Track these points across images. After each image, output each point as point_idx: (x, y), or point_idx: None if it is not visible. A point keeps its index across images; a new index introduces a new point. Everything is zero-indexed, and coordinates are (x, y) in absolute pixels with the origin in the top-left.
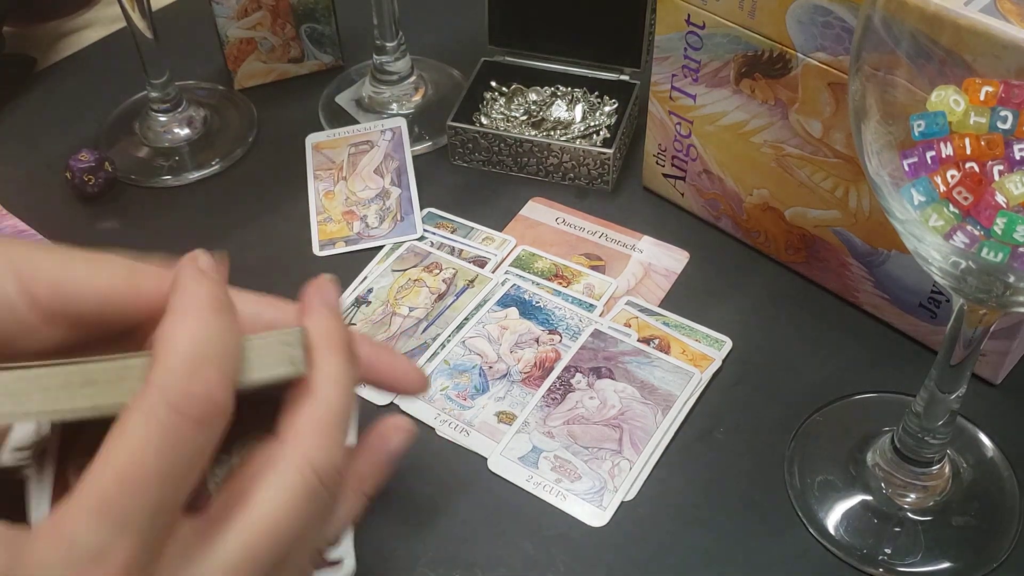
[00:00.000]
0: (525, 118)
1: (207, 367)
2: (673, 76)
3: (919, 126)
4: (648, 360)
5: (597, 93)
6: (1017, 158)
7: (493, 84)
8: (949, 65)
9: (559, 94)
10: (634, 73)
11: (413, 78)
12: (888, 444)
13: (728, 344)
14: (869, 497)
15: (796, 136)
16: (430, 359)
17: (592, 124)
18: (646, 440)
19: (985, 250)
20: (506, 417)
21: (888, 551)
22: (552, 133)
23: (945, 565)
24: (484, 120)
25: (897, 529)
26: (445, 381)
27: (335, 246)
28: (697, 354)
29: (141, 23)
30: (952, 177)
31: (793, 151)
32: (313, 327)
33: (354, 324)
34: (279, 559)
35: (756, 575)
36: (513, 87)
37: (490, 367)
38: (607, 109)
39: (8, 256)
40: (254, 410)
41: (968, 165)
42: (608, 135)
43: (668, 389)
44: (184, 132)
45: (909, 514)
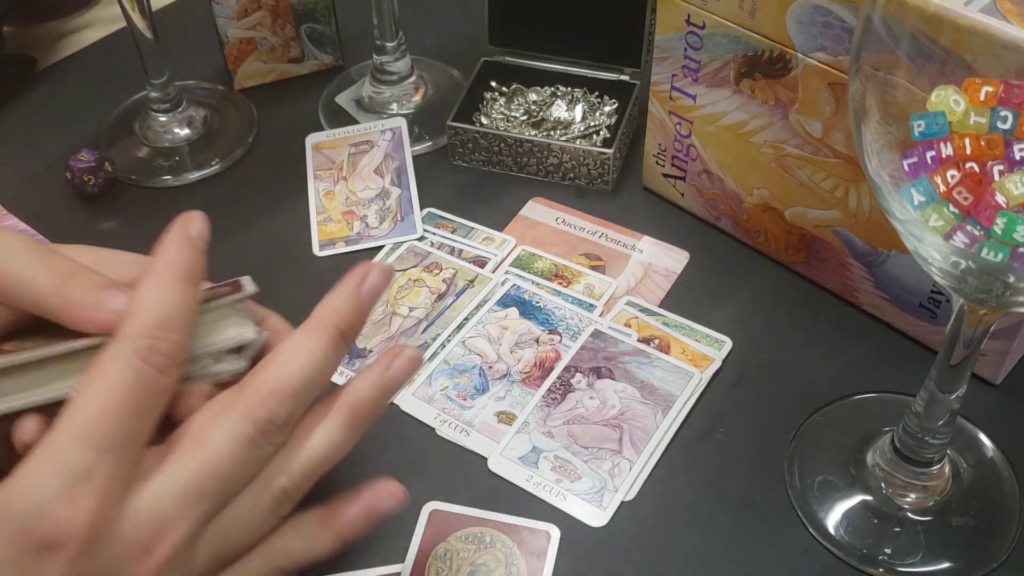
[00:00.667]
0: (525, 118)
1: (168, 330)
2: (673, 76)
3: (919, 126)
4: (648, 360)
5: (597, 93)
6: (1017, 158)
7: (493, 84)
8: (949, 65)
9: (559, 94)
10: (634, 73)
11: (413, 78)
12: (888, 444)
13: (728, 344)
14: (869, 497)
15: (796, 136)
16: (430, 359)
17: (592, 124)
18: (646, 440)
19: (985, 250)
20: (506, 417)
21: (888, 551)
22: (552, 133)
23: (945, 565)
24: (484, 120)
25: (897, 529)
26: (445, 381)
27: (335, 246)
28: (697, 354)
29: (141, 23)
30: (952, 177)
31: (793, 151)
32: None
33: None
34: (225, 491)
35: (756, 575)
36: (513, 87)
37: (490, 367)
38: (607, 109)
39: None
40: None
41: (968, 165)
42: (608, 135)
43: (668, 389)
44: (184, 132)
45: (909, 514)
